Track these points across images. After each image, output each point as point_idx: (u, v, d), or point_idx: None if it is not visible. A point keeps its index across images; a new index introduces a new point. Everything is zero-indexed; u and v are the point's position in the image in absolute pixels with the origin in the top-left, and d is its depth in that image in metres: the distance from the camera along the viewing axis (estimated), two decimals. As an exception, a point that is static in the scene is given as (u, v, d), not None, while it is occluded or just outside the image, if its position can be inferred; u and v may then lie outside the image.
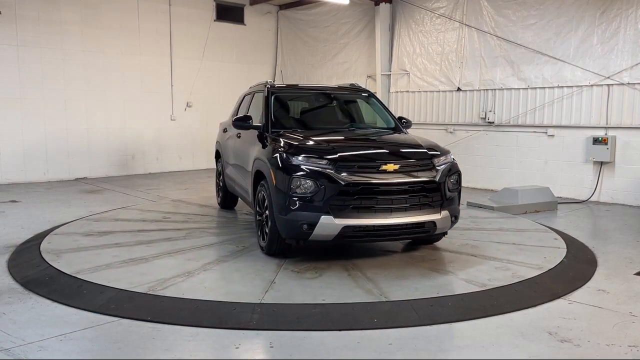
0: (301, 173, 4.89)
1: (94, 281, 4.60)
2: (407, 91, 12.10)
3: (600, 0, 9.03)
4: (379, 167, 5.00)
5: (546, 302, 4.41)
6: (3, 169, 10.75)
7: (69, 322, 3.90)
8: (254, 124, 6.19)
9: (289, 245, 5.31)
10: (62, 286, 4.59)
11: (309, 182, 4.84)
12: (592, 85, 9.23)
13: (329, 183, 4.82)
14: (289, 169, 4.94)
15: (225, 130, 7.93)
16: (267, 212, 5.34)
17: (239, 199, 7.65)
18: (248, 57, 14.30)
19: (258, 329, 3.82)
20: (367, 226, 4.91)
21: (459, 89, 11.09)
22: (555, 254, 5.65)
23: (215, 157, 8.51)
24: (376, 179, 4.93)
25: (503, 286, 4.65)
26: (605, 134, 9.08)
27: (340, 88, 7.30)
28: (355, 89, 7.11)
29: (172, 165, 13.05)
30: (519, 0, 9.98)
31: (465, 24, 10.85)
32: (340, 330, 3.82)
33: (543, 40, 9.71)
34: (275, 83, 6.97)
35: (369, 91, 7.23)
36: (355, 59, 13.21)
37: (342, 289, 4.55)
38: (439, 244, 6.03)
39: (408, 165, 5.15)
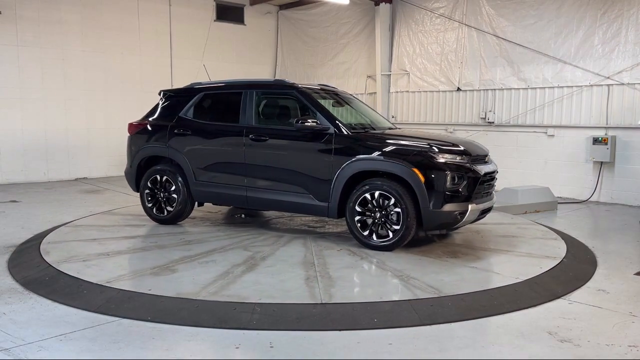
0: (453, 170, 5.48)
1: (94, 281, 4.60)
2: (407, 91, 12.10)
3: (601, 1, 9.03)
4: (484, 159, 5.96)
5: (546, 302, 4.41)
6: (3, 169, 10.75)
7: (69, 322, 3.90)
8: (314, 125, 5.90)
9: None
10: (62, 286, 4.59)
11: (460, 176, 5.50)
12: (592, 86, 9.24)
13: (472, 175, 5.56)
14: (443, 167, 5.45)
15: (183, 134, 6.83)
16: (393, 209, 5.52)
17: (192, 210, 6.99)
18: (248, 57, 14.30)
19: (258, 329, 3.82)
20: (485, 209, 5.89)
21: (458, 89, 11.09)
22: (555, 254, 5.65)
23: (144, 166, 7.14)
24: (490, 169, 5.90)
25: (503, 286, 4.65)
26: (605, 134, 9.08)
27: (332, 89, 7.14)
28: (334, 90, 7.12)
29: (172, 165, 13.01)
30: (519, 0, 9.99)
31: (465, 24, 10.85)
32: (340, 330, 3.82)
33: (543, 40, 9.71)
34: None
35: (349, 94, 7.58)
36: (355, 59, 13.21)
37: (525, 267, 5.21)
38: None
39: (489, 157, 6.22)
